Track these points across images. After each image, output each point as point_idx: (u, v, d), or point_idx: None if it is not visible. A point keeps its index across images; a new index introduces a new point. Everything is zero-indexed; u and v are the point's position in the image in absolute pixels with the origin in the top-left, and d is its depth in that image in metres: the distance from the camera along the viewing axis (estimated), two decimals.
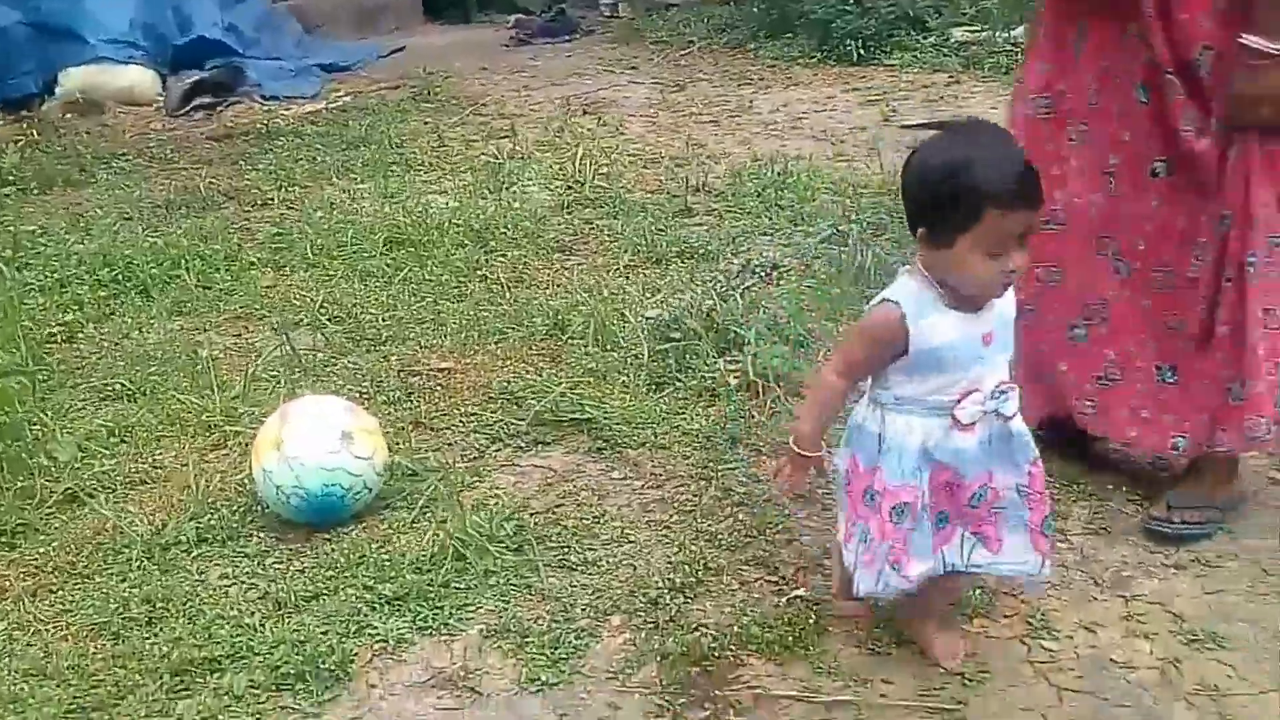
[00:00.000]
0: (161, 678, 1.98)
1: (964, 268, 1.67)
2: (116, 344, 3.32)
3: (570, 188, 4.42)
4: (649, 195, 4.31)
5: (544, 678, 1.95)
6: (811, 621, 2.03)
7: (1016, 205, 1.63)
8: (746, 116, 5.40)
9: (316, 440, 2.35)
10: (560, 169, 4.64)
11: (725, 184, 4.34)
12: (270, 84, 6.37)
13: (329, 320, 3.39)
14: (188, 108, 6.09)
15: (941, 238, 1.67)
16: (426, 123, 5.61)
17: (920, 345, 1.70)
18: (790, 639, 1.99)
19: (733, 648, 1.98)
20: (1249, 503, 2.27)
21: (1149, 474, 2.36)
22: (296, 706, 1.92)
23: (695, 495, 2.43)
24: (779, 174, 4.31)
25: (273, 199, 4.60)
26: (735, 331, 2.96)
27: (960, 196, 1.63)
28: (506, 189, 4.44)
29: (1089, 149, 2.17)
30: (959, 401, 1.72)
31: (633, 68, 6.56)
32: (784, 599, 2.10)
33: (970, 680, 1.88)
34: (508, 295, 3.46)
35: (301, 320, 3.39)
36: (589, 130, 5.26)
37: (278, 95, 6.27)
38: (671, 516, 2.37)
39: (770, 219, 3.97)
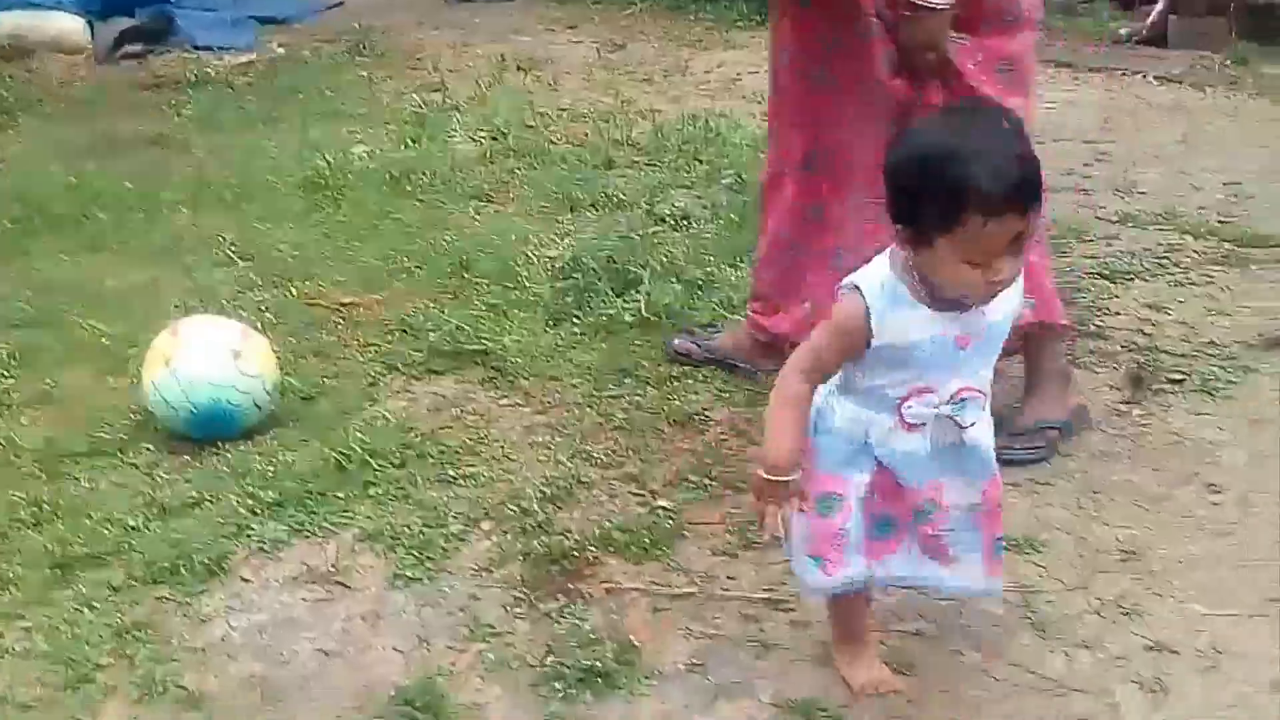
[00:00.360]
0: (43, 571, 2.14)
1: (944, 273, 1.52)
2: (26, 277, 3.45)
3: (495, 139, 4.57)
4: (573, 148, 4.47)
5: (411, 574, 2.13)
6: (669, 526, 2.23)
7: (1002, 210, 1.45)
8: (680, 76, 5.56)
9: (206, 357, 2.51)
10: (487, 121, 4.78)
11: (649, 139, 4.51)
12: (203, 34, 6.45)
13: (239, 258, 3.54)
14: (117, 55, 6.17)
15: (920, 237, 1.52)
16: (359, 76, 5.72)
17: (883, 340, 1.57)
18: (647, 542, 2.18)
19: (593, 549, 2.17)
20: (1090, 429, 2.48)
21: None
22: (171, 596, 2.09)
23: (578, 420, 2.61)
24: (703, 129, 4.49)
25: (196, 145, 4.72)
26: (633, 272, 3.14)
27: (939, 195, 1.46)
28: (430, 139, 4.58)
29: (837, 87, 2.38)
30: (907, 399, 1.61)
31: (572, 27, 6.70)
32: (648, 509, 2.29)
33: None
34: (419, 237, 3.62)
35: (213, 258, 3.54)
36: (521, 85, 5.41)
37: (210, 45, 6.35)
38: (553, 439, 2.55)
39: (689, 172, 4.14)
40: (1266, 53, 5.20)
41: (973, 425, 1.64)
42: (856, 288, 1.59)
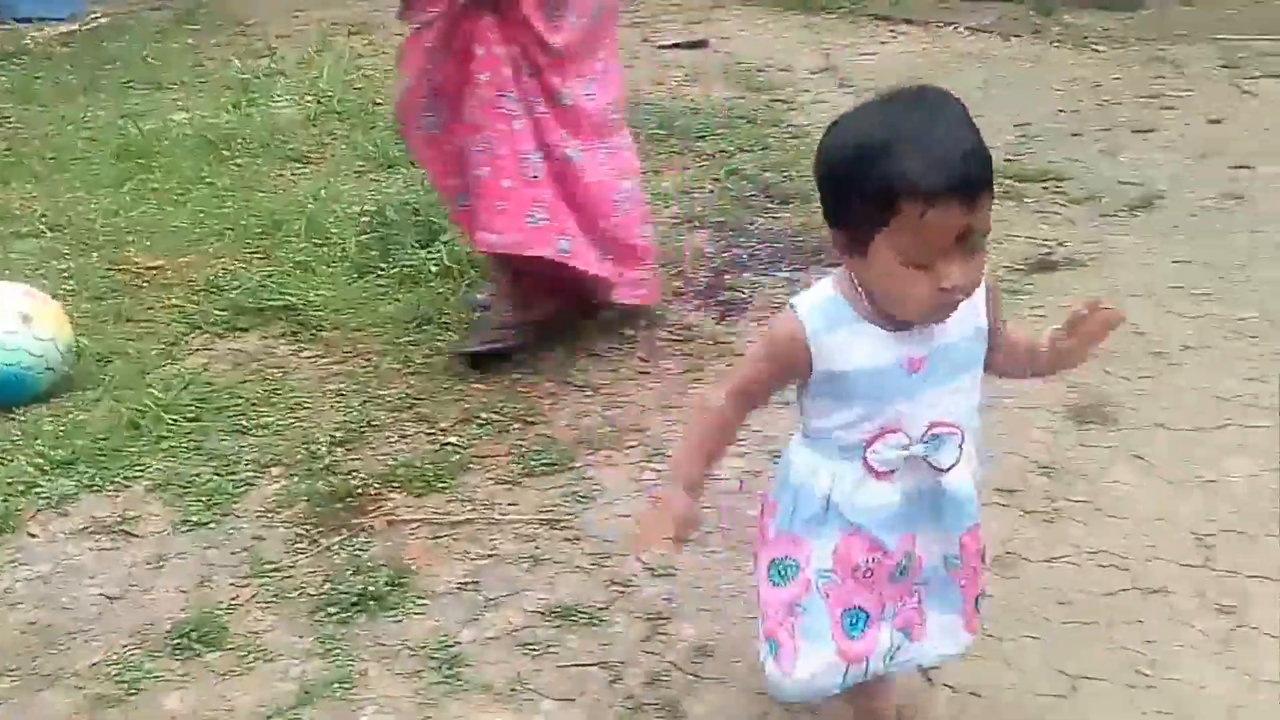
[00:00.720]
0: None
1: (887, 284, 1.33)
2: None
3: (319, 102, 4.57)
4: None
5: (198, 519, 2.19)
6: (456, 461, 2.33)
7: (940, 197, 1.26)
8: None
9: None
10: (313, 85, 4.78)
11: None
12: (22, 5, 6.26)
13: (48, 228, 3.51)
14: None
15: (855, 242, 1.34)
16: (186, 44, 5.66)
17: (823, 367, 1.38)
18: (431, 476, 2.28)
19: (377, 486, 2.26)
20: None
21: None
22: None
23: (375, 368, 2.69)
24: None
25: (9, 117, 4.63)
26: (436, 223, 3.21)
27: (869, 185, 1.29)
28: (253, 105, 4.57)
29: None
30: (872, 442, 1.40)
31: None
32: (437, 446, 2.39)
33: (583, 497, 2.21)
34: (231, 201, 3.63)
35: (20, 229, 3.50)
36: (351, 49, 5.40)
37: (30, 16, 6.18)
38: (348, 386, 2.62)
39: None
40: (1070, 2, 5.48)
41: (952, 468, 1.42)
42: (793, 307, 1.41)
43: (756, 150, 3.86)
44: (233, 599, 1.99)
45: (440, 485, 2.26)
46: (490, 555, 2.08)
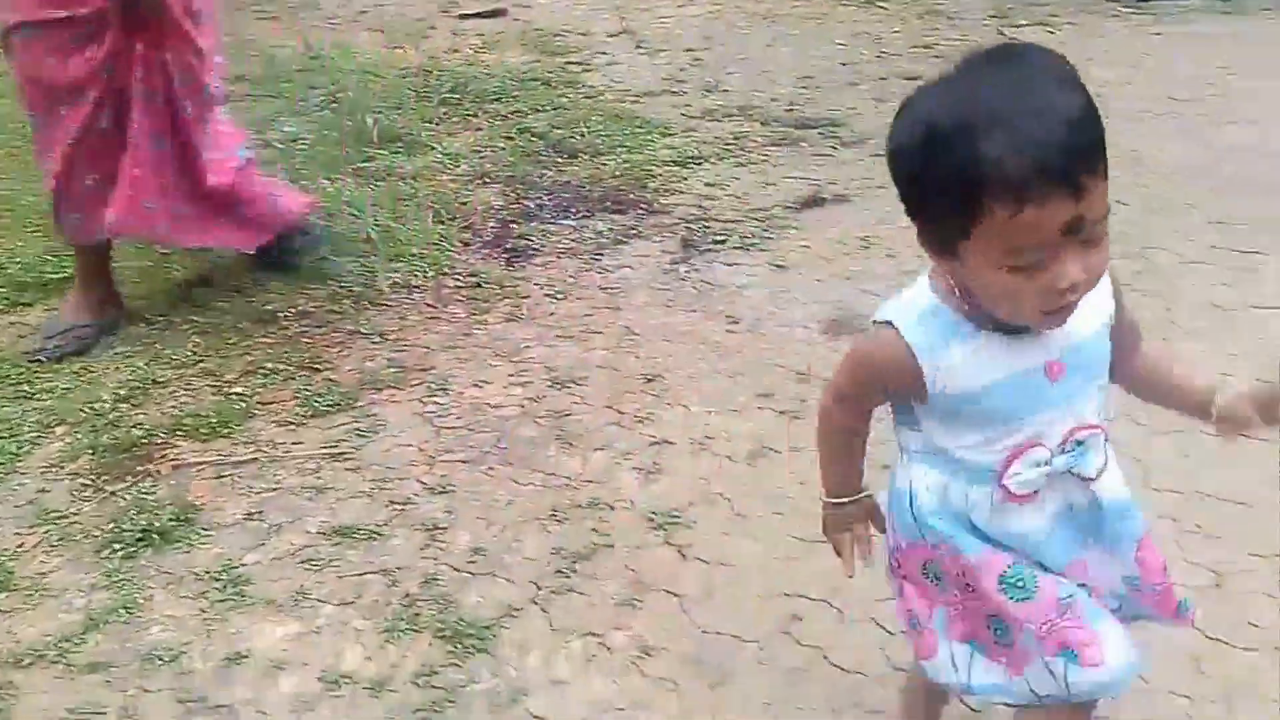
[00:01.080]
0: None
1: (987, 290, 1.15)
2: None
3: None
4: None
5: None
6: (241, 408, 2.46)
7: (1035, 190, 1.06)
8: (308, 13, 5.67)
9: None
10: None
11: (264, 72, 4.63)
12: None
13: None
14: None
15: (943, 244, 1.15)
16: None
17: (943, 389, 1.21)
18: (216, 422, 2.41)
19: (163, 435, 2.38)
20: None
21: None
22: None
23: (161, 330, 2.79)
24: (316, 60, 4.67)
25: None
26: None
27: (945, 182, 1.10)
28: None
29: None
30: (1008, 464, 1.23)
31: None
32: (222, 396, 2.52)
33: (366, 432, 2.37)
34: (11, 184, 3.64)
35: None
36: None
37: None
38: (133, 348, 2.72)
39: (304, 101, 4.32)
40: None
41: (1101, 473, 1.27)
42: (889, 323, 1.23)
43: (549, 110, 4.06)
44: (18, 546, 2.10)
45: (225, 431, 2.40)
46: (275, 489, 2.23)
